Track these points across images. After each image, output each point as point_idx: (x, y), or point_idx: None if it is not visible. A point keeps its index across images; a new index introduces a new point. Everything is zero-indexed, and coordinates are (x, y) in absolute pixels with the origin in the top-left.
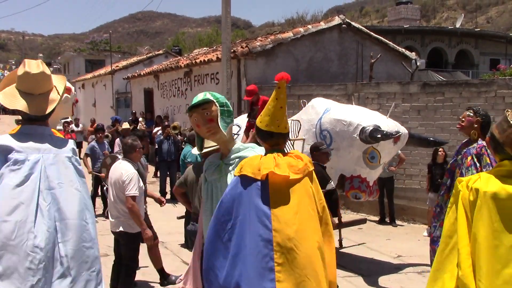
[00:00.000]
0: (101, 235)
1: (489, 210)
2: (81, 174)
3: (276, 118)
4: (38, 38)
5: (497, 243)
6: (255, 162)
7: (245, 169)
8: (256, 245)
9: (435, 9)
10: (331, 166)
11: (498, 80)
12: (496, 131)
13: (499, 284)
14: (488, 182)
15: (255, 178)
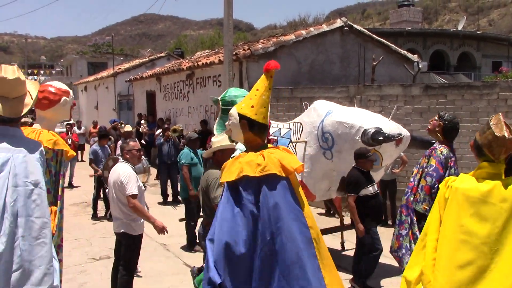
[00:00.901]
0: (103, 237)
1: (458, 206)
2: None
3: (268, 110)
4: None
5: (464, 239)
6: (273, 158)
7: (271, 168)
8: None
9: (437, 11)
10: (333, 169)
11: (500, 82)
12: (477, 134)
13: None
14: (464, 180)
15: (281, 176)
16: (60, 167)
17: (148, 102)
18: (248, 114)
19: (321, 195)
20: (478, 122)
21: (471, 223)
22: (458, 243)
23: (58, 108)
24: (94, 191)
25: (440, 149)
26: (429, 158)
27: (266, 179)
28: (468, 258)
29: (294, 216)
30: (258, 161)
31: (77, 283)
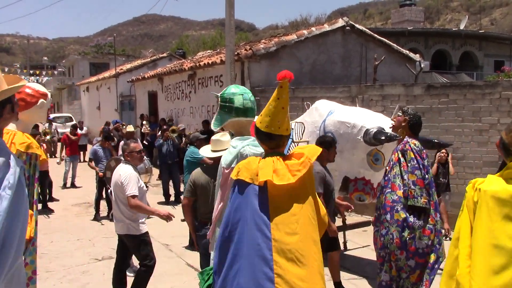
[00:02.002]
0: (106, 237)
1: (488, 209)
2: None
3: (277, 119)
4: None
5: (496, 243)
6: (253, 166)
7: (242, 174)
8: (255, 255)
9: (439, 11)
10: (335, 169)
11: (502, 81)
12: (503, 133)
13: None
14: (492, 182)
15: (251, 183)
16: (34, 170)
17: (150, 102)
18: (256, 122)
19: None
20: (480, 121)
21: (502, 227)
22: (491, 248)
23: (34, 110)
24: (96, 191)
25: (412, 142)
26: (405, 153)
27: (238, 183)
28: (502, 263)
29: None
30: (240, 166)
31: (79, 284)
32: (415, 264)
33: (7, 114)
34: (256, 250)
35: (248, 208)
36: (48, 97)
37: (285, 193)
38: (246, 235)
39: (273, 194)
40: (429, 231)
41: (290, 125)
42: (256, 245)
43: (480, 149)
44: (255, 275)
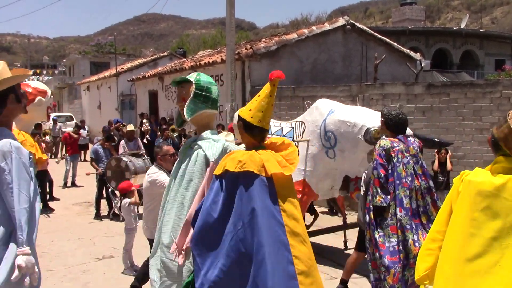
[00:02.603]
0: (106, 236)
1: (470, 198)
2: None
3: (268, 115)
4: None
5: (474, 232)
6: (257, 158)
7: (249, 166)
8: (276, 241)
9: (440, 9)
10: (335, 167)
11: (503, 80)
12: (494, 129)
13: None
14: (479, 174)
15: (259, 175)
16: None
17: (150, 101)
18: (245, 116)
19: (324, 194)
20: (481, 120)
21: (482, 217)
22: (468, 237)
23: (32, 108)
24: (97, 190)
25: (379, 142)
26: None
27: (244, 175)
28: (477, 251)
29: (268, 213)
30: (240, 158)
31: (80, 283)
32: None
33: (11, 104)
34: (276, 236)
35: (258, 198)
36: (47, 95)
37: (286, 182)
38: (264, 224)
39: (278, 184)
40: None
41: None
42: (274, 231)
43: (480, 148)
44: (279, 259)
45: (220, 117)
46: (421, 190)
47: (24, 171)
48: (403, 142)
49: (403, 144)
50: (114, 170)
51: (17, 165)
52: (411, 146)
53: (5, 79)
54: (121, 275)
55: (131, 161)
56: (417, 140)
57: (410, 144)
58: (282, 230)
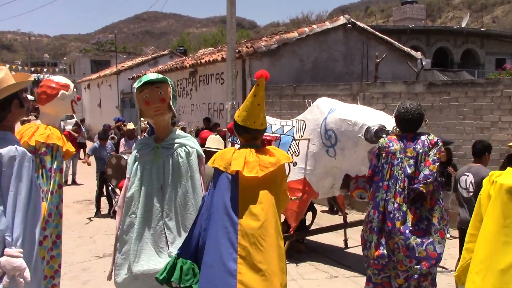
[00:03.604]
0: (106, 234)
1: (503, 204)
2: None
3: (252, 114)
4: (44, 39)
5: (508, 240)
6: (228, 156)
7: (218, 162)
8: (222, 237)
9: (441, 8)
10: (336, 166)
11: (504, 79)
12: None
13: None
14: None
15: (223, 171)
16: (54, 162)
17: None
18: (235, 115)
19: (324, 193)
20: (481, 119)
21: None
22: (501, 245)
23: (56, 102)
24: (97, 188)
25: (380, 140)
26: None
27: (215, 170)
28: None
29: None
30: (216, 154)
31: (80, 281)
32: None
33: (15, 109)
34: (224, 233)
35: (220, 193)
36: (69, 88)
37: (254, 183)
38: (216, 218)
39: (243, 183)
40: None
41: (265, 121)
42: (224, 227)
43: None
44: (221, 254)
45: (220, 116)
46: (404, 194)
47: (25, 175)
48: (402, 142)
49: (401, 144)
50: (115, 168)
51: (19, 169)
52: (412, 147)
53: (9, 86)
54: None
55: None
56: (429, 138)
57: (411, 145)
58: (233, 228)
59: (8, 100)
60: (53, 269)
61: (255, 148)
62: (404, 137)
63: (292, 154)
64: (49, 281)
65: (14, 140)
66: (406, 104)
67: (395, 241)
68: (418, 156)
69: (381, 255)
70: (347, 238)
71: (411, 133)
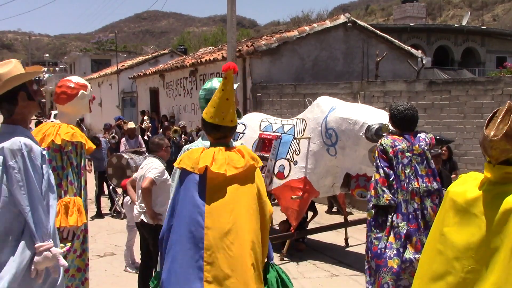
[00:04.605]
0: (107, 234)
1: (445, 211)
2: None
3: (221, 110)
4: (45, 38)
5: (441, 249)
6: (195, 155)
7: (184, 162)
8: (187, 242)
9: (441, 7)
10: (336, 165)
11: (505, 78)
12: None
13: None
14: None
15: (191, 172)
16: (81, 159)
17: (151, 99)
18: (203, 112)
19: (325, 191)
20: (482, 117)
21: (450, 233)
22: (435, 253)
23: (76, 102)
24: (96, 188)
25: (380, 140)
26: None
27: (182, 171)
28: (440, 271)
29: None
30: (183, 155)
31: None
32: (376, 266)
33: (23, 102)
34: (189, 238)
35: (187, 196)
36: (88, 88)
37: (223, 183)
38: (183, 223)
39: (211, 184)
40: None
41: (235, 117)
42: (189, 232)
43: None
44: (186, 261)
45: None
46: (420, 193)
47: (34, 168)
48: (407, 141)
49: (406, 142)
50: (115, 168)
51: (26, 163)
52: (417, 144)
53: (12, 78)
54: (122, 273)
55: (132, 158)
56: (429, 137)
57: (416, 142)
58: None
59: (14, 92)
60: (84, 262)
61: (224, 147)
62: (406, 136)
63: (293, 153)
64: (82, 274)
65: (25, 134)
66: (401, 103)
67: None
68: (424, 153)
69: (404, 259)
70: (347, 237)
71: (411, 131)
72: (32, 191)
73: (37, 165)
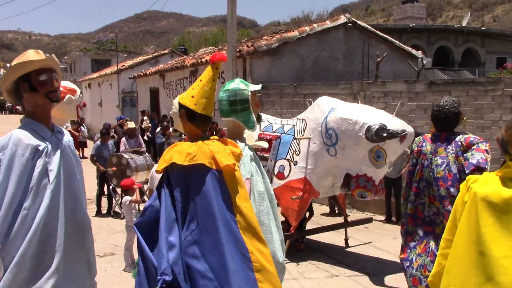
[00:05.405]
0: (107, 234)
1: (478, 213)
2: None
3: (211, 101)
4: (45, 38)
5: (483, 251)
6: (206, 149)
7: (201, 158)
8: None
9: (441, 7)
10: (337, 165)
11: (505, 78)
12: (503, 129)
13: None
14: (486, 182)
15: (211, 168)
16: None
17: (151, 99)
18: (187, 104)
19: (325, 192)
20: (482, 118)
21: (491, 233)
22: (476, 256)
23: (61, 106)
24: (97, 188)
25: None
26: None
27: (194, 169)
28: (488, 273)
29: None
30: (189, 150)
31: None
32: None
33: (25, 94)
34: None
35: (212, 194)
36: (76, 93)
37: (234, 175)
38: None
39: (228, 178)
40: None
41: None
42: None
43: None
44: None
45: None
46: (435, 196)
47: (16, 163)
48: (434, 142)
49: (433, 144)
50: (114, 167)
51: (10, 157)
52: (443, 147)
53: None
54: (122, 273)
55: (132, 158)
56: (463, 139)
57: (444, 145)
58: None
59: (17, 83)
60: None
61: (214, 139)
62: (438, 137)
63: (293, 153)
64: None
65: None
66: (441, 101)
67: (428, 246)
68: (449, 157)
69: (405, 258)
70: (347, 237)
71: (445, 132)
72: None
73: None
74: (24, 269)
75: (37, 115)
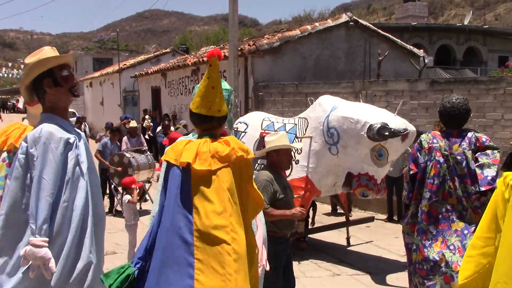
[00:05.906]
0: (109, 233)
1: None
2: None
3: (207, 99)
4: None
5: None
6: (179, 147)
7: (168, 155)
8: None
9: (443, 6)
10: (338, 164)
11: (507, 77)
12: None
13: None
14: None
15: (175, 165)
16: None
17: (153, 98)
18: (190, 103)
19: (327, 191)
20: (484, 117)
21: None
22: None
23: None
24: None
25: (422, 135)
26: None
27: (167, 164)
28: None
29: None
30: (168, 148)
31: None
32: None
33: (49, 89)
34: (178, 233)
35: (172, 189)
36: None
37: (208, 175)
38: (169, 218)
39: (196, 177)
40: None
41: (223, 106)
42: (178, 228)
43: None
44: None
45: None
46: (457, 193)
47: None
48: (447, 139)
49: (446, 140)
50: (117, 166)
51: (44, 151)
52: (458, 143)
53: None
54: None
55: (133, 157)
56: (475, 137)
57: (458, 142)
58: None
59: (40, 79)
60: None
61: (210, 138)
62: (449, 134)
63: (295, 152)
64: None
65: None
66: (452, 98)
67: (450, 243)
68: (465, 154)
69: (425, 258)
70: (349, 236)
71: (456, 129)
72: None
73: (55, 154)
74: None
75: (58, 110)
